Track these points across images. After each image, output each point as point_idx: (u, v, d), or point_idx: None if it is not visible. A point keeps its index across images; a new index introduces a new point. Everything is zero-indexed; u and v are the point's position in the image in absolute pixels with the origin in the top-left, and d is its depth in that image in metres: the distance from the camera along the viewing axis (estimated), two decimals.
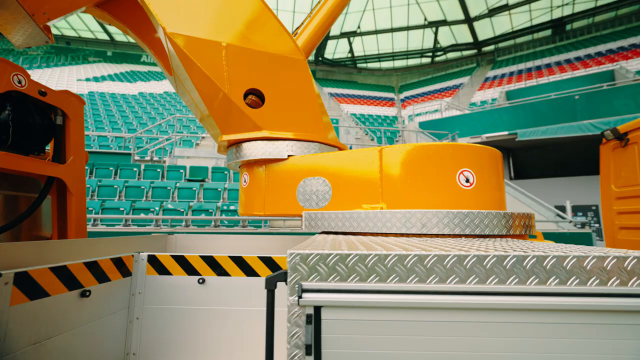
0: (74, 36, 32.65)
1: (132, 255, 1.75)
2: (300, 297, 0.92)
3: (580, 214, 15.25)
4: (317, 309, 0.92)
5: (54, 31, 32.36)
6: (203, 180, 10.09)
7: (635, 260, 0.93)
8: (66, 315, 1.44)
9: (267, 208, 2.64)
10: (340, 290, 0.93)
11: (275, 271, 1.74)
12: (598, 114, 12.42)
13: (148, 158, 11.27)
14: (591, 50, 24.98)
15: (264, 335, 1.63)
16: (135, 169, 10.08)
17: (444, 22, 30.65)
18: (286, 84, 2.59)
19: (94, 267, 1.61)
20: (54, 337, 1.37)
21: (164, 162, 11.01)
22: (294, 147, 2.58)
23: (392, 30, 31.51)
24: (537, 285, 0.94)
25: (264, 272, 1.69)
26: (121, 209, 8.10)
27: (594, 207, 15.31)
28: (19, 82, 2.57)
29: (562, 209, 10.41)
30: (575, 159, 14.13)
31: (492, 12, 28.91)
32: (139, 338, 1.64)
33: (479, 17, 29.76)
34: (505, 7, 28.36)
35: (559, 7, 28.17)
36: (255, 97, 2.69)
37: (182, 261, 1.69)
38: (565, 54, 26.45)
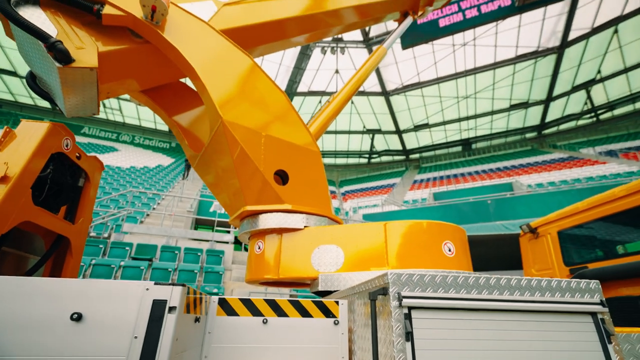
0: (8, 99, 30.88)
1: (208, 297, 1.96)
2: (401, 301, 1.40)
3: None
4: (409, 310, 1.40)
5: None
6: (151, 260, 9.52)
7: (585, 282, 1.62)
8: (189, 336, 1.58)
9: (281, 272, 3.00)
10: (423, 297, 1.44)
11: (324, 312, 2.13)
12: (506, 217, 14.90)
13: None
14: (492, 165, 30.58)
15: None
16: None
17: (379, 131, 35.93)
18: (305, 167, 3.24)
19: (200, 300, 1.80)
20: (184, 352, 1.49)
21: (108, 237, 10.26)
22: (309, 219, 3.11)
23: (336, 132, 35.76)
24: (530, 297, 1.56)
25: (316, 313, 2.03)
26: None
27: None
28: (66, 145, 2.86)
29: None
30: (494, 255, 16.20)
31: (417, 127, 35.01)
32: None
33: (406, 130, 35.64)
34: (427, 125, 34.65)
35: (465, 130, 35.24)
36: (278, 177, 3.27)
37: (248, 304, 1.96)
38: (474, 167, 31.94)
